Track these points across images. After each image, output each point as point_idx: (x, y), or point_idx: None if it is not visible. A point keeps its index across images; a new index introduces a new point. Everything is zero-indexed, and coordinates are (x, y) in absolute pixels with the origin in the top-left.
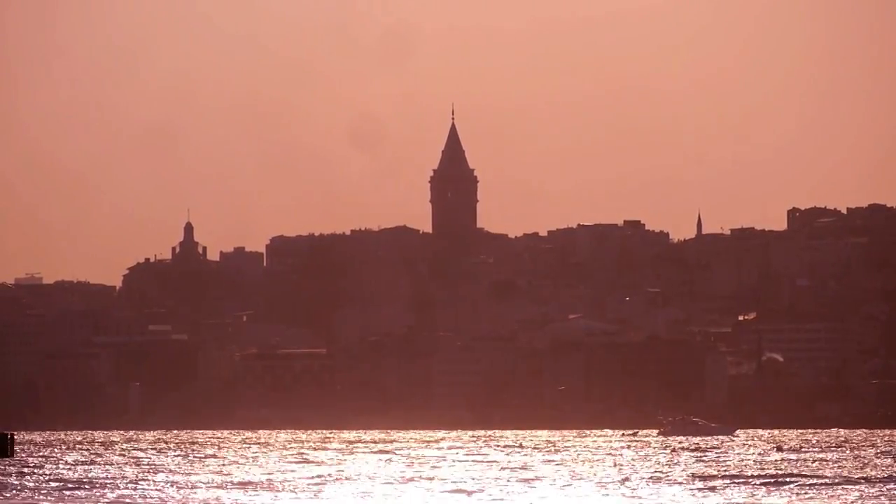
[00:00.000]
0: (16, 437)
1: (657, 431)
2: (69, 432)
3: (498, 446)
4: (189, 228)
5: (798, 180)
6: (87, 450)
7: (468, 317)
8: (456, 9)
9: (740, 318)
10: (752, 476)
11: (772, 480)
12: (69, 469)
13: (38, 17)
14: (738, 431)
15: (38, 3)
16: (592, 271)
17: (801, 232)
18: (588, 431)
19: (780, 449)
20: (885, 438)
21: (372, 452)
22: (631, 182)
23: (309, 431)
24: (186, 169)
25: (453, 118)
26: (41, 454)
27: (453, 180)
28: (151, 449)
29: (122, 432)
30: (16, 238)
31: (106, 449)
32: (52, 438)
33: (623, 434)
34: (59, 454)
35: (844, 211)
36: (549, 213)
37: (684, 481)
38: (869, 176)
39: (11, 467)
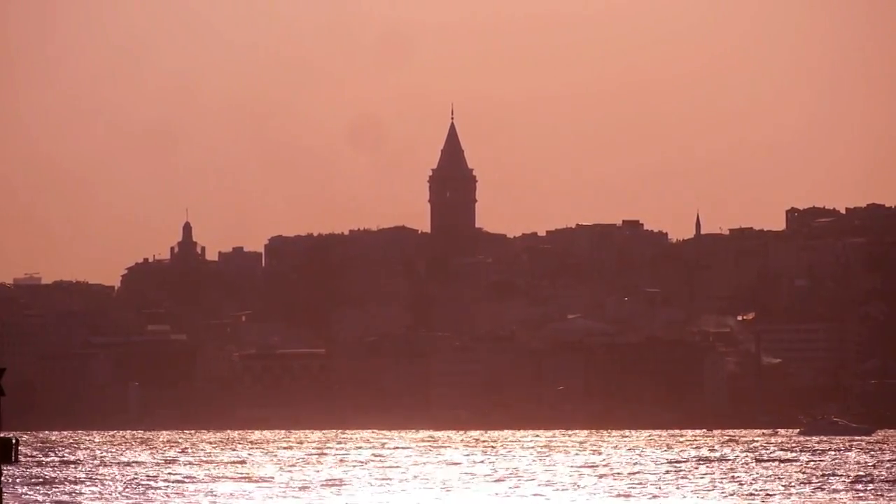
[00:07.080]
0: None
1: (797, 431)
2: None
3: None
4: (188, 228)
5: (796, 180)
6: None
7: (467, 317)
8: (455, 8)
9: (739, 318)
10: None
11: None
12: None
13: (38, 17)
14: (878, 431)
15: (38, 3)
16: (591, 271)
17: (799, 232)
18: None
19: None
20: None
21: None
22: (630, 182)
23: (306, 431)
24: (185, 169)
25: (452, 118)
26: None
27: (452, 180)
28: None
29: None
30: (14, 238)
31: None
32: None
33: (763, 433)
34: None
35: (843, 211)
36: (547, 213)
37: None
38: (867, 176)
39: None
